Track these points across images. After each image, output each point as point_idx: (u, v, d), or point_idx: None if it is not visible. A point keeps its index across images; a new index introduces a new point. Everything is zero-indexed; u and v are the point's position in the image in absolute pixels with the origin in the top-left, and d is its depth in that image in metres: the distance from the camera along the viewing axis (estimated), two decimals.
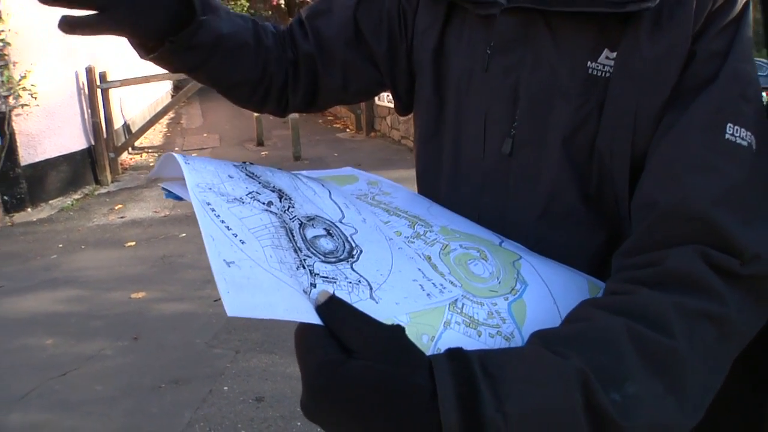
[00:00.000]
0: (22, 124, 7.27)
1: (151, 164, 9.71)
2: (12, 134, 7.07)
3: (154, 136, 12.03)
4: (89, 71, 8.50)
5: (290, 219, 0.69)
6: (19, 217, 7.07)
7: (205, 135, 12.11)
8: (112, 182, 8.59)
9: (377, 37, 1.06)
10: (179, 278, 4.99)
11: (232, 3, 29.10)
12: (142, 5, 0.85)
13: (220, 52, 0.96)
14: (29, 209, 7.27)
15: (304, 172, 0.90)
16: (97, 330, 4.10)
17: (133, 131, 10.51)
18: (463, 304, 0.66)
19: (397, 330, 0.57)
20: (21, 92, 7.08)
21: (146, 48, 0.92)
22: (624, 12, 0.76)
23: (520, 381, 0.55)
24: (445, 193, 0.99)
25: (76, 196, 7.88)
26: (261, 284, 0.56)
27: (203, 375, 3.45)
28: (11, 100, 7.05)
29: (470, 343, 0.61)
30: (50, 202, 7.59)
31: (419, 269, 0.70)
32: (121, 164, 9.23)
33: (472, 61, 0.93)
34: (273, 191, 0.74)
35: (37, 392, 3.38)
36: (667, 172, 0.73)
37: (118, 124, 9.50)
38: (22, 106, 7.12)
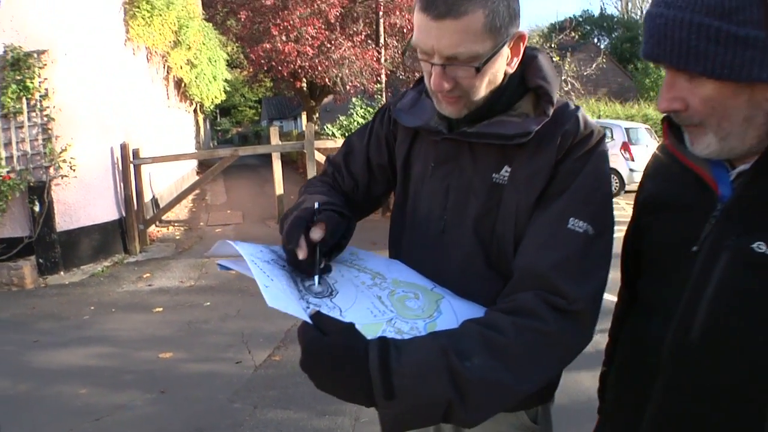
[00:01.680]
0: (60, 194, 7.80)
1: (177, 237, 10.20)
2: (51, 202, 7.58)
3: (180, 211, 12.50)
4: (123, 147, 9.02)
5: (295, 275, 1.22)
6: (52, 279, 7.52)
7: (228, 212, 12.51)
8: (140, 252, 9.02)
9: (380, 155, 1.52)
10: (204, 341, 5.33)
11: (256, 86, 29.63)
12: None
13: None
14: (62, 273, 7.72)
15: None
16: (128, 383, 4.43)
17: (161, 205, 11.01)
18: (395, 321, 1.11)
19: (350, 324, 1.02)
20: (61, 164, 7.63)
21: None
22: (513, 143, 1.20)
23: (412, 350, 0.99)
24: (404, 254, 1.42)
25: (107, 264, 8.31)
26: (283, 299, 1.05)
27: (225, 425, 3.75)
28: (52, 171, 7.59)
29: None
30: (82, 267, 8.03)
31: (372, 302, 1.17)
32: (149, 236, 9.67)
33: (424, 169, 1.39)
34: (283, 259, 1.26)
35: None
36: (528, 248, 1.17)
37: (147, 197, 9.96)
38: (62, 176, 7.66)
